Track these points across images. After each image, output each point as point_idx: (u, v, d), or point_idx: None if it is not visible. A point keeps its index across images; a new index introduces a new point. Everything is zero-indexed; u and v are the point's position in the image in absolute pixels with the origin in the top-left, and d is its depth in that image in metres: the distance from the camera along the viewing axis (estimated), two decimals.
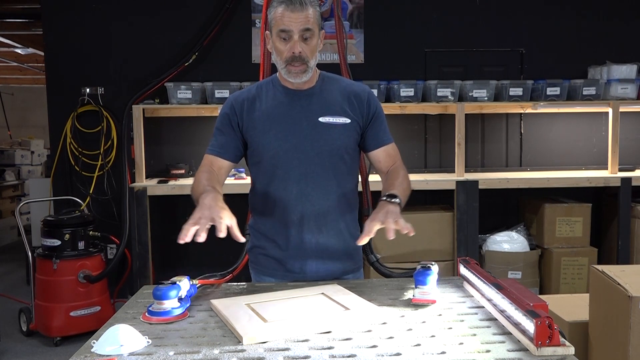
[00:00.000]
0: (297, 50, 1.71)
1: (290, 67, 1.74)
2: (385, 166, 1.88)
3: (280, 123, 1.80)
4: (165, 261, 4.51)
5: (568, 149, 4.76)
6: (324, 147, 1.79)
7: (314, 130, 1.79)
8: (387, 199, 1.64)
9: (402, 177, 1.81)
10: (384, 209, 1.59)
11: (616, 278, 1.89)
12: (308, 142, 1.79)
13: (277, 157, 1.80)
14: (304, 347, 1.26)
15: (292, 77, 1.75)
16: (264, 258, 1.91)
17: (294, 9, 1.68)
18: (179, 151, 4.58)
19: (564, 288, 4.15)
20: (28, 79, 11.29)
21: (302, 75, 1.75)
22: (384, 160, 1.88)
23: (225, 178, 1.86)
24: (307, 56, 1.73)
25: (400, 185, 1.76)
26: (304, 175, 1.79)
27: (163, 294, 1.46)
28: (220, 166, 1.83)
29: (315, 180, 1.80)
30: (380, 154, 1.88)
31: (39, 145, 9.23)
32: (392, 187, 1.73)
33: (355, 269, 1.94)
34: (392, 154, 1.89)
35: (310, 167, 1.79)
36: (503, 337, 1.29)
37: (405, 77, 4.32)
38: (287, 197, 1.80)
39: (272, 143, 1.79)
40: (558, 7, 4.68)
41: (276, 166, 1.80)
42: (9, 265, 6.25)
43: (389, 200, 1.63)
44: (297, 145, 1.78)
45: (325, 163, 1.80)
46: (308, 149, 1.79)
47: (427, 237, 4.10)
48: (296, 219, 1.81)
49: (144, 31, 4.57)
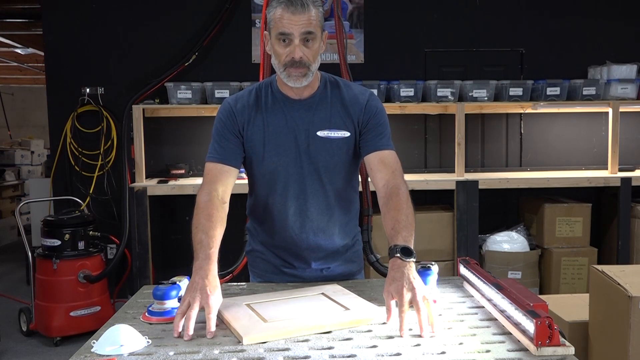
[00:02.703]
0: (297, 56, 1.60)
1: (290, 71, 1.63)
2: (381, 178, 1.70)
3: (278, 136, 1.72)
4: (165, 261, 4.50)
5: (568, 149, 4.76)
6: (322, 163, 1.73)
7: (312, 145, 1.72)
8: (400, 256, 1.45)
9: (405, 207, 1.61)
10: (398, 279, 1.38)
11: (616, 278, 1.89)
12: (306, 158, 1.72)
13: (276, 172, 1.74)
14: (304, 347, 1.26)
15: (292, 81, 1.64)
16: (262, 262, 1.89)
17: (294, 10, 1.56)
18: (179, 151, 4.58)
19: (564, 288, 4.14)
20: (28, 79, 11.29)
21: (302, 80, 1.64)
22: (378, 168, 1.71)
23: (233, 184, 1.73)
24: (308, 60, 1.62)
25: (406, 221, 1.57)
26: (303, 191, 1.75)
27: (163, 294, 1.46)
28: (227, 175, 1.70)
29: (315, 196, 1.76)
30: (373, 159, 1.71)
31: (39, 145, 9.23)
32: (398, 229, 1.55)
33: (357, 272, 1.93)
34: (389, 162, 1.71)
35: (309, 183, 1.74)
36: (503, 337, 1.29)
37: (405, 77, 4.32)
38: (285, 212, 1.77)
39: (271, 157, 1.73)
40: (558, 7, 4.68)
41: (274, 181, 1.75)
42: (9, 265, 6.25)
43: (403, 258, 1.44)
44: (296, 160, 1.72)
45: (323, 179, 1.75)
46: (306, 165, 1.73)
47: (427, 237, 4.09)
48: (295, 231, 1.79)
49: (144, 31, 4.57)
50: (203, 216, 1.60)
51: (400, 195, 1.64)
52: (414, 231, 1.56)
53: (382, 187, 1.69)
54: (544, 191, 4.45)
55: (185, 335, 1.32)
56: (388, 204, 1.64)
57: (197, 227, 1.58)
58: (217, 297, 1.41)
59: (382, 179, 1.70)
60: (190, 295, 1.38)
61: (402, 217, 1.58)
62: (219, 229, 1.59)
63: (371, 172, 1.74)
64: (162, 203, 4.43)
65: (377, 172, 1.71)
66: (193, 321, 1.33)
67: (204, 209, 1.62)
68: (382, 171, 1.71)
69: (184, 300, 1.38)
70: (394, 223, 1.58)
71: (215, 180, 1.69)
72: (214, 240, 1.54)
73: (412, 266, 1.43)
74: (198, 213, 1.62)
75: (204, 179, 1.72)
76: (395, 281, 1.38)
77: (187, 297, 1.38)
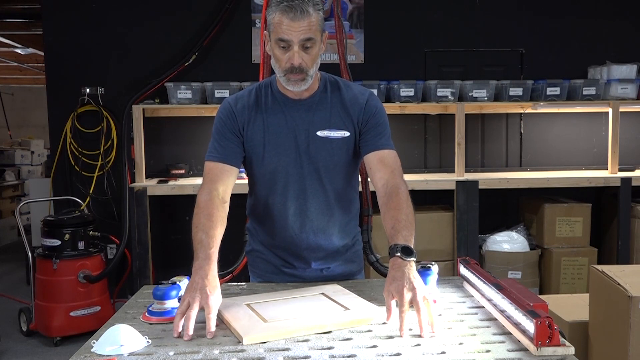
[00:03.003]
0: (296, 62, 1.60)
1: (289, 76, 1.64)
2: (380, 178, 1.70)
3: (278, 136, 1.73)
4: (165, 261, 4.50)
5: (568, 149, 4.76)
6: (322, 163, 1.73)
7: (312, 145, 1.72)
8: (401, 255, 1.45)
9: (405, 206, 1.61)
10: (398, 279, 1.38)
11: (616, 278, 1.89)
12: (306, 158, 1.73)
13: (276, 172, 1.74)
14: (304, 347, 1.26)
15: (291, 85, 1.66)
16: (262, 262, 1.90)
17: (294, 17, 1.55)
18: (179, 151, 4.58)
19: (564, 288, 4.14)
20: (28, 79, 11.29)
21: (301, 84, 1.66)
22: (378, 167, 1.71)
23: (233, 183, 1.73)
24: (307, 66, 1.62)
25: (406, 220, 1.57)
26: (303, 191, 1.75)
27: (163, 294, 1.46)
28: (228, 174, 1.71)
29: (315, 196, 1.76)
30: (372, 159, 1.72)
31: (39, 145, 9.23)
32: (398, 228, 1.55)
33: (356, 272, 1.93)
34: (388, 162, 1.71)
35: (309, 182, 1.74)
36: (503, 337, 1.29)
37: (405, 77, 4.32)
38: (285, 212, 1.77)
39: (271, 157, 1.73)
40: (558, 7, 4.68)
41: (274, 181, 1.76)
42: (9, 265, 6.25)
43: (404, 257, 1.44)
44: (296, 160, 1.73)
45: (323, 179, 1.75)
46: (306, 165, 1.73)
47: (427, 237, 4.10)
48: (295, 231, 1.79)
49: (144, 31, 4.56)
50: (203, 215, 1.60)
51: (400, 195, 1.64)
52: (414, 230, 1.56)
53: (382, 186, 1.69)
54: (544, 191, 4.45)
55: (185, 335, 1.32)
56: (388, 204, 1.64)
57: (197, 226, 1.58)
58: (216, 297, 1.41)
59: (382, 178, 1.70)
60: (189, 295, 1.38)
61: (402, 216, 1.58)
62: (219, 228, 1.59)
63: (370, 172, 1.74)
64: (162, 203, 4.43)
65: (377, 172, 1.71)
66: (193, 321, 1.33)
67: (204, 208, 1.61)
68: (381, 170, 1.71)
69: (183, 300, 1.38)
70: (394, 222, 1.58)
71: (216, 180, 1.69)
72: (214, 240, 1.54)
73: (413, 265, 1.43)
74: (198, 212, 1.61)
75: (204, 179, 1.72)
76: (396, 280, 1.38)
77: (187, 297, 1.38)
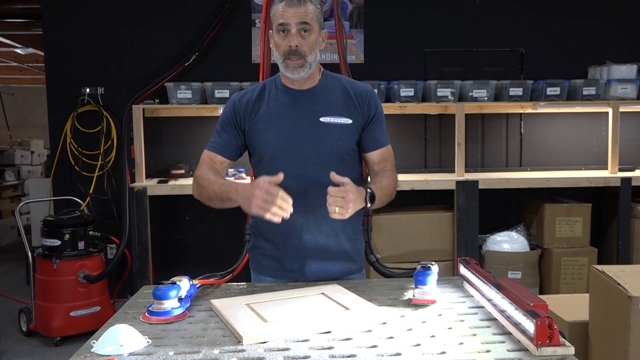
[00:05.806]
0: (293, 44, 1.72)
1: (287, 61, 1.74)
2: (378, 168, 1.89)
3: (281, 123, 1.80)
4: (165, 261, 4.50)
5: (568, 149, 4.76)
6: (324, 147, 1.79)
7: (314, 131, 1.79)
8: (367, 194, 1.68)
9: (388, 181, 1.81)
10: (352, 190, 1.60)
11: (616, 278, 1.90)
12: (308, 142, 1.79)
13: (277, 157, 1.80)
14: (304, 347, 1.26)
15: (290, 71, 1.75)
16: (263, 258, 1.91)
17: (292, 4, 1.72)
18: (179, 151, 4.58)
19: (564, 288, 4.14)
20: (28, 79, 11.29)
21: (300, 70, 1.75)
22: (378, 162, 1.88)
23: (226, 172, 1.90)
24: (304, 50, 1.73)
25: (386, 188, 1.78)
26: (304, 175, 1.79)
27: (163, 294, 1.46)
28: (221, 162, 1.86)
29: (315, 181, 1.78)
30: (375, 156, 1.88)
31: (39, 145, 9.23)
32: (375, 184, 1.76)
33: (356, 270, 1.93)
34: (387, 157, 1.89)
35: (310, 167, 1.79)
36: (503, 337, 1.29)
37: (405, 77, 4.32)
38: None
39: (272, 143, 1.80)
40: (558, 7, 4.68)
41: (276, 167, 1.77)
42: (9, 265, 6.25)
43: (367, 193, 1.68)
44: (297, 145, 1.79)
45: (325, 163, 1.78)
46: (308, 149, 1.79)
47: (427, 237, 4.10)
48: (296, 220, 1.80)
49: (144, 31, 4.57)
50: (208, 175, 1.77)
51: (388, 173, 1.85)
52: (384, 196, 1.76)
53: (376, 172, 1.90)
54: (544, 191, 4.45)
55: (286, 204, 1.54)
56: (376, 175, 1.87)
57: (209, 182, 1.75)
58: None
59: (379, 169, 1.89)
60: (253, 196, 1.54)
61: (384, 183, 1.79)
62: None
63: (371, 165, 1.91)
64: (162, 203, 4.43)
65: (376, 166, 1.89)
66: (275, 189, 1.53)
67: (206, 171, 1.79)
68: (380, 165, 1.89)
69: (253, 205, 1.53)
70: (375, 182, 1.80)
71: (212, 164, 1.85)
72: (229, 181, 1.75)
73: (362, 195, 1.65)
74: (201, 176, 1.79)
75: (200, 162, 1.87)
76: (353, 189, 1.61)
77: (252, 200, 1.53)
